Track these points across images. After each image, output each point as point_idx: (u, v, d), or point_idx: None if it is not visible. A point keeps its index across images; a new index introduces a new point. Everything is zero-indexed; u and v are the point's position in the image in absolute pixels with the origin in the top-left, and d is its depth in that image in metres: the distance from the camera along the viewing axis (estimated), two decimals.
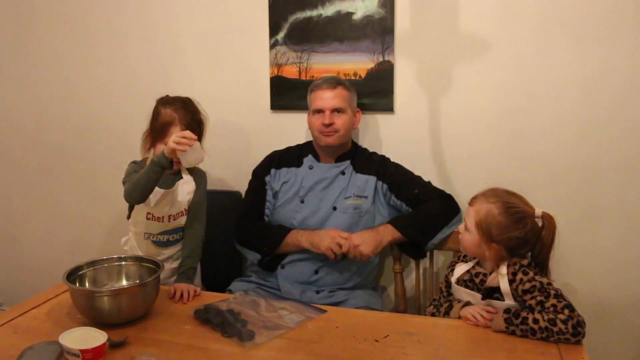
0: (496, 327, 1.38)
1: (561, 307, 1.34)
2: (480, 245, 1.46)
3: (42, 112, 2.57)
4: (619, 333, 2.02)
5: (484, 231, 1.44)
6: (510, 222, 1.43)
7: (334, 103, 1.89)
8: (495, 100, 1.99)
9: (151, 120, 1.81)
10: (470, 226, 1.47)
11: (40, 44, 2.50)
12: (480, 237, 1.45)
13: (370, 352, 1.31)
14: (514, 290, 1.41)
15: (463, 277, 1.54)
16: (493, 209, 1.45)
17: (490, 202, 1.46)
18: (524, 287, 1.39)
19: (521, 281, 1.40)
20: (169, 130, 1.72)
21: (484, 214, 1.45)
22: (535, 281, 1.39)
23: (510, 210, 1.44)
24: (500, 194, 1.49)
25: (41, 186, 2.64)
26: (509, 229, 1.43)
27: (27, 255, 2.74)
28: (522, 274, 1.41)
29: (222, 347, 1.33)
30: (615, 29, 1.84)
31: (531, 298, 1.38)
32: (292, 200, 1.94)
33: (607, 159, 1.93)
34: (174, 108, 1.76)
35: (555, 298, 1.36)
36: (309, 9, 2.10)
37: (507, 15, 1.93)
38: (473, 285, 1.51)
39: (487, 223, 1.44)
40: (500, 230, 1.43)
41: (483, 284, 1.48)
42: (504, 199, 1.47)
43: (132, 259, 1.65)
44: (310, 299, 1.79)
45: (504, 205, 1.45)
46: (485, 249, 1.46)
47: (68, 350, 1.23)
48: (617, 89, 1.87)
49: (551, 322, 1.32)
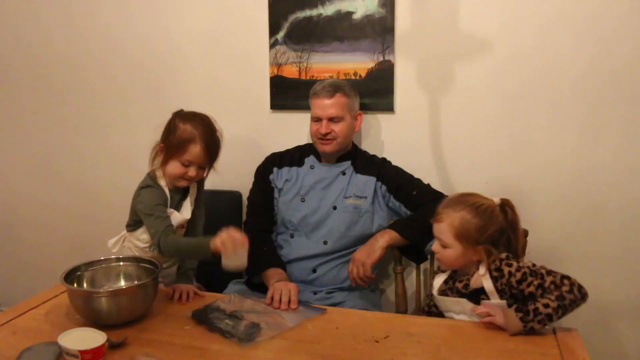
0: (514, 329, 1.36)
1: (559, 279, 1.36)
2: (464, 254, 1.46)
3: (42, 113, 2.56)
4: (619, 333, 2.01)
5: (466, 238, 1.44)
6: (485, 220, 1.45)
7: (331, 112, 1.88)
8: (495, 99, 1.99)
9: (166, 134, 1.67)
10: (449, 241, 1.47)
11: (40, 43, 2.49)
12: (464, 245, 1.45)
13: (370, 352, 1.31)
14: (505, 285, 1.41)
15: (442, 288, 1.54)
16: (465, 215, 1.45)
17: (458, 210, 1.46)
18: (517, 278, 1.39)
19: (510, 274, 1.40)
20: (188, 147, 1.62)
21: (459, 223, 1.45)
22: (523, 268, 1.40)
23: (480, 209, 1.46)
24: (461, 199, 1.50)
25: (40, 186, 2.64)
26: (487, 226, 1.45)
27: (25, 256, 2.74)
28: (507, 266, 1.41)
29: (221, 348, 1.33)
30: (616, 29, 1.84)
31: (528, 285, 1.38)
32: (293, 199, 1.94)
33: (608, 159, 1.92)
34: (193, 125, 1.64)
35: (549, 275, 1.38)
36: (309, 8, 2.09)
37: (507, 15, 1.93)
38: (457, 292, 1.51)
39: (466, 230, 1.44)
40: (480, 231, 1.44)
41: (467, 288, 1.48)
42: (469, 201, 1.48)
43: (130, 260, 1.64)
44: (307, 300, 1.79)
45: (472, 207, 1.46)
46: (472, 255, 1.46)
47: (67, 351, 1.22)
48: (619, 89, 1.87)
49: (560, 298, 1.33)
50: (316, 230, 1.91)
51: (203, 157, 1.64)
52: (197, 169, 1.65)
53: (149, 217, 1.61)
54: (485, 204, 1.47)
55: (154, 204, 1.62)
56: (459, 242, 1.45)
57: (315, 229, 1.91)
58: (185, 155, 1.62)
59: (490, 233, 1.44)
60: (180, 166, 1.64)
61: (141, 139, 1.86)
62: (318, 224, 1.90)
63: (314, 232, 1.91)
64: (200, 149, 1.62)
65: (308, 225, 1.91)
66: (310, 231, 1.91)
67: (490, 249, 1.44)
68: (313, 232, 1.91)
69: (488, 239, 1.44)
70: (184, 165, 1.63)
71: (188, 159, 1.63)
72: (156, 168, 1.69)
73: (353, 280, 1.80)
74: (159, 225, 1.58)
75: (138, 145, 1.85)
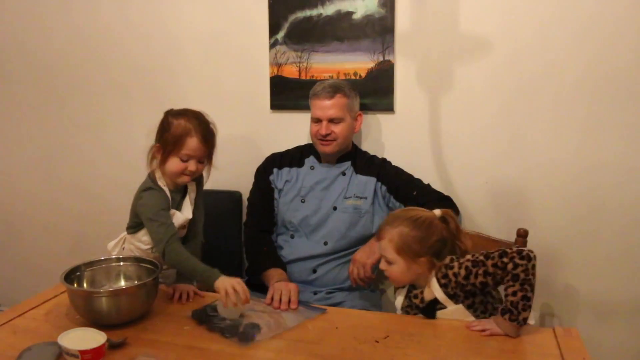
0: (511, 330, 1.36)
1: (498, 259, 1.36)
2: (410, 268, 1.46)
3: (42, 112, 2.56)
4: (619, 333, 2.01)
5: (407, 252, 1.45)
6: (424, 232, 1.45)
7: (331, 113, 1.88)
8: (495, 99, 1.99)
9: (160, 133, 1.67)
10: (392, 257, 1.47)
11: (41, 43, 2.49)
12: (407, 260, 1.45)
13: (370, 352, 1.31)
14: (455, 288, 1.42)
15: (404, 305, 1.54)
16: (403, 229, 1.46)
17: (396, 225, 1.47)
18: (462, 275, 1.40)
19: (455, 275, 1.41)
20: (185, 141, 1.61)
21: (398, 238, 1.45)
22: (464, 263, 1.41)
23: (418, 222, 1.46)
24: (399, 215, 1.51)
25: (40, 187, 2.64)
26: (427, 237, 1.45)
27: (25, 256, 2.74)
28: (449, 269, 1.42)
29: (221, 348, 1.33)
30: (616, 29, 1.84)
31: (476, 276, 1.39)
32: (293, 200, 1.94)
33: (608, 159, 1.92)
34: (187, 119, 1.64)
35: (488, 259, 1.38)
36: (309, 8, 2.09)
37: (507, 15, 1.93)
38: (415, 307, 1.51)
39: (406, 244, 1.45)
40: (420, 243, 1.45)
41: (423, 302, 1.48)
42: (406, 216, 1.49)
43: (130, 260, 1.64)
44: (307, 300, 1.79)
45: (410, 221, 1.47)
46: (416, 268, 1.46)
47: (67, 351, 1.22)
48: (620, 89, 1.87)
49: (515, 278, 1.34)
50: (316, 231, 1.91)
51: (201, 148, 1.64)
52: (196, 163, 1.65)
53: (152, 223, 1.61)
54: (424, 216, 1.48)
55: (158, 208, 1.61)
56: (401, 257, 1.45)
57: (315, 229, 1.91)
58: (184, 150, 1.62)
59: (431, 243, 1.45)
60: (180, 162, 1.64)
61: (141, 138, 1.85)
62: (318, 225, 1.90)
63: (314, 233, 1.91)
64: (197, 141, 1.63)
65: (308, 225, 1.91)
66: (311, 232, 1.91)
67: (433, 260, 1.45)
68: (313, 232, 1.91)
69: (430, 250, 1.45)
70: (183, 160, 1.63)
71: (186, 152, 1.62)
72: (155, 169, 1.69)
73: (353, 281, 1.81)
74: (163, 234, 1.58)
75: (138, 144, 1.84)
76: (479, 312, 1.46)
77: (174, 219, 1.64)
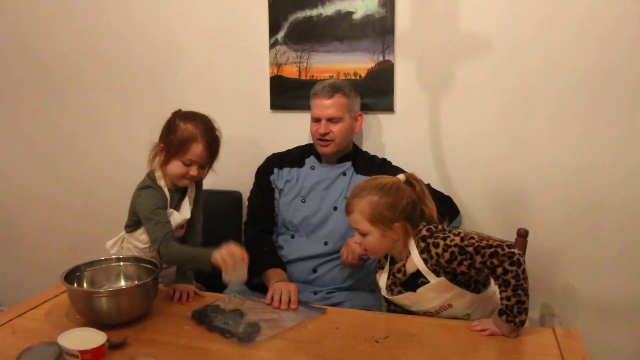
0: (508, 331, 1.36)
1: (489, 261, 1.33)
2: (385, 235, 1.44)
3: (42, 111, 2.56)
4: (619, 333, 2.01)
5: (381, 220, 1.43)
6: (393, 197, 1.43)
7: (330, 112, 1.88)
8: (495, 99, 1.99)
9: (166, 134, 1.67)
10: (366, 228, 1.45)
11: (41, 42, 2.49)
12: (380, 228, 1.43)
13: (370, 352, 1.31)
14: (435, 265, 1.41)
15: (389, 284, 1.53)
16: (372, 198, 1.44)
17: (364, 195, 1.45)
18: (446, 258, 1.38)
19: (438, 255, 1.39)
20: (190, 147, 1.61)
21: (369, 207, 1.43)
22: (451, 247, 1.38)
23: (385, 188, 1.44)
24: (365, 185, 1.48)
25: (40, 186, 2.64)
26: (396, 202, 1.43)
27: (25, 256, 2.74)
28: (434, 247, 1.40)
29: (221, 348, 1.33)
30: (616, 28, 1.84)
31: (459, 264, 1.37)
32: (294, 200, 1.94)
33: (608, 158, 1.92)
34: (194, 124, 1.63)
35: (477, 254, 1.35)
36: (309, 8, 2.09)
37: (507, 15, 1.93)
38: (399, 284, 1.49)
39: (378, 212, 1.43)
40: (391, 209, 1.43)
41: (406, 274, 1.46)
42: (372, 185, 1.46)
43: (130, 260, 1.64)
44: (307, 300, 1.78)
45: (377, 189, 1.45)
46: (391, 235, 1.44)
47: (67, 351, 1.23)
48: (619, 89, 1.87)
49: (506, 284, 1.33)
50: (317, 231, 1.91)
51: (205, 156, 1.65)
52: (198, 168, 1.65)
53: (148, 221, 1.61)
54: (389, 182, 1.46)
55: (154, 207, 1.62)
56: (374, 226, 1.43)
57: (316, 229, 1.91)
58: (188, 155, 1.62)
59: (402, 208, 1.43)
60: (182, 166, 1.64)
61: (141, 137, 1.86)
62: (319, 225, 1.90)
63: (315, 233, 1.91)
64: (202, 148, 1.63)
65: (309, 226, 1.91)
66: (311, 232, 1.91)
67: (406, 225, 1.44)
68: (314, 232, 1.91)
69: (402, 215, 1.43)
70: (185, 164, 1.63)
71: (190, 158, 1.63)
72: (155, 168, 1.69)
73: (343, 264, 1.80)
74: (159, 232, 1.58)
75: (138, 143, 1.85)
76: (462, 284, 1.44)
77: (172, 219, 1.64)
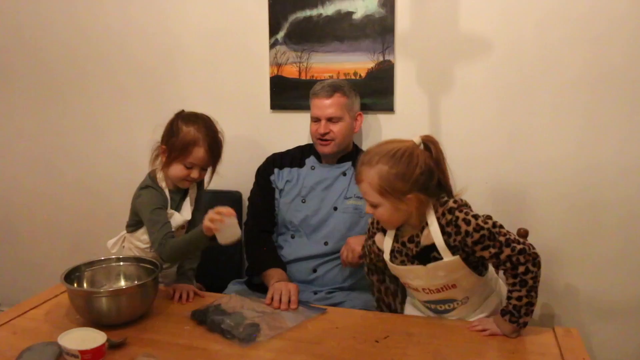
0: (509, 331, 1.36)
1: (515, 257, 1.29)
2: (397, 208, 1.33)
3: (42, 111, 2.56)
4: (619, 333, 2.01)
5: (391, 192, 1.31)
6: (404, 166, 1.31)
7: (330, 112, 1.88)
8: (495, 99, 1.99)
9: (168, 135, 1.66)
10: (376, 200, 1.33)
11: (41, 41, 2.49)
12: (392, 200, 1.31)
13: (370, 352, 1.31)
14: (459, 243, 1.32)
15: (392, 250, 1.43)
16: (382, 168, 1.31)
17: (374, 164, 1.32)
18: (474, 239, 1.30)
19: (467, 233, 1.30)
20: (191, 150, 1.61)
21: (378, 179, 1.31)
22: (483, 230, 1.30)
23: (397, 156, 1.31)
24: (376, 151, 1.35)
25: (40, 185, 2.64)
26: (409, 172, 1.30)
27: (26, 256, 2.74)
28: (465, 223, 1.31)
29: (221, 348, 1.33)
30: (614, 27, 1.84)
31: (483, 249, 1.31)
32: (294, 200, 1.94)
33: (608, 157, 1.92)
34: (197, 127, 1.63)
35: (507, 247, 1.29)
36: (309, 8, 2.09)
37: (507, 15, 1.93)
38: (405, 254, 1.41)
39: (388, 183, 1.30)
40: (403, 180, 1.30)
41: (419, 246, 1.37)
42: (383, 151, 1.33)
43: (130, 260, 1.64)
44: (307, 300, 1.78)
45: (388, 157, 1.32)
46: (405, 207, 1.33)
47: (67, 351, 1.22)
48: (618, 87, 1.87)
49: (523, 283, 1.31)
50: (317, 231, 1.91)
51: (206, 159, 1.65)
52: (199, 171, 1.65)
53: (148, 222, 1.61)
54: (402, 148, 1.32)
55: (154, 207, 1.62)
56: (385, 198, 1.31)
57: (316, 229, 1.91)
58: (189, 158, 1.62)
59: (415, 178, 1.30)
60: (184, 168, 1.64)
61: (141, 137, 1.86)
62: (319, 225, 1.90)
63: (315, 233, 1.91)
64: (204, 152, 1.63)
65: (309, 226, 1.91)
66: (311, 232, 1.91)
67: (420, 196, 1.32)
68: (314, 232, 1.91)
69: (415, 186, 1.31)
70: (187, 167, 1.63)
71: (191, 161, 1.63)
72: (157, 169, 1.69)
73: (343, 263, 1.80)
74: (158, 233, 1.58)
75: (138, 143, 1.85)
76: (471, 265, 1.37)
77: (172, 220, 1.64)
